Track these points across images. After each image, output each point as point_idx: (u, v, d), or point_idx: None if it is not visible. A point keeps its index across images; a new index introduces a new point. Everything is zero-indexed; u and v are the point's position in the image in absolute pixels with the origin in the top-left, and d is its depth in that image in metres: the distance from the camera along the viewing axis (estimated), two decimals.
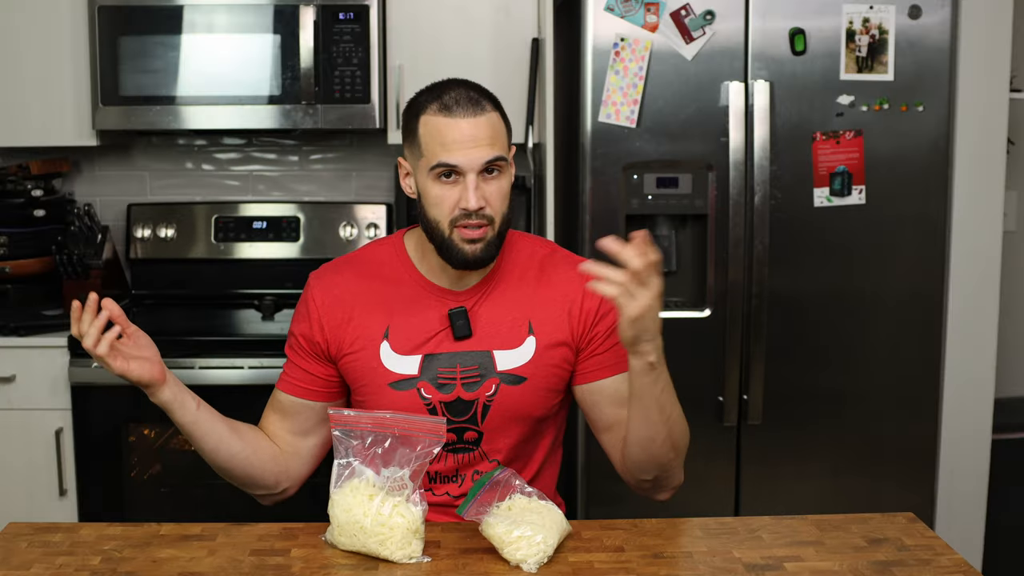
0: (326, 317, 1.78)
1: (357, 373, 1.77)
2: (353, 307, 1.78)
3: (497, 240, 1.73)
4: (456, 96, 1.69)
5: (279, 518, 1.70)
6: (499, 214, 1.72)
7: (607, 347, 1.77)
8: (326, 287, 1.81)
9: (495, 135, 1.69)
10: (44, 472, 2.75)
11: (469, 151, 1.67)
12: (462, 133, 1.67)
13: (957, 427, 2.77)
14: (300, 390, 1.81)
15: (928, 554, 1.54)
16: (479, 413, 1.75)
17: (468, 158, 1.67)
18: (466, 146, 1.67)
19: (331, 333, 1.78)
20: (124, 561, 1.50)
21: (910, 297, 2.71)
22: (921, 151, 2.66)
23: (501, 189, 1.71)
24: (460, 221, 1.69)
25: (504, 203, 1.73)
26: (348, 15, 2.88)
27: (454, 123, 1.67)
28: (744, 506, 2.73)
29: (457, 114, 1.67)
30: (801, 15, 2.61)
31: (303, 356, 1.81)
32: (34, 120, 2.96)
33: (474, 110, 1.68)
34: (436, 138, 1.68)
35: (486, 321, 1.77)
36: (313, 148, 3.35)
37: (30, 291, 3.06)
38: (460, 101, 1.68)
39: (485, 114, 1.69)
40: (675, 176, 2.64)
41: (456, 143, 1.67)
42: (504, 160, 1.71)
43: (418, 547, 1.51)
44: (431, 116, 1.69)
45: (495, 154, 1.68)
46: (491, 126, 1.69)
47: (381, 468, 1.53)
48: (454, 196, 1.68)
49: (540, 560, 1.48)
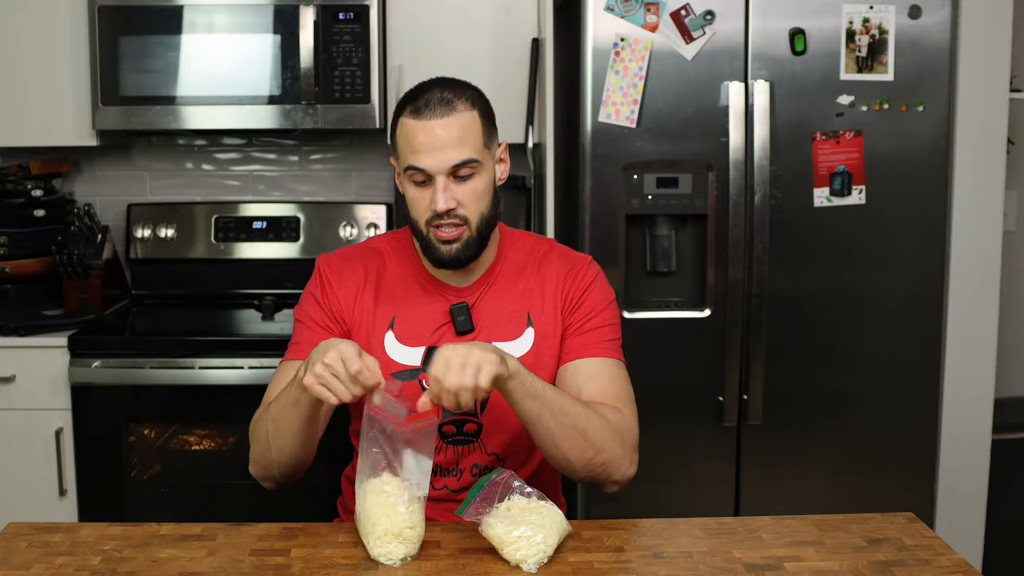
0: (339, 294, 1.81)
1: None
2: (361, 293, 1.81)
3: (477, 239, 1.75)
4: (428, 98, 1.70)
5: (279, 518, 1.70)
6: (475, 214, 1.73)
7: (585, 330, 1.80)
8: (337, 270, 1.83)
9: (464, 136, 1.70)
10: (44, 472, 2.75)
11: (436, 154, 1.68)
12: (429, 136, 1.69)
13: (957, 427, 2.77)
14: None
15: (928, 554, 1.54)
16: (479, 405, 1.77)
17: (435, 160, 1.69)
18: (433, 149, 1.68)
19: (345, 309, 1.80)
20: (124, 561, 1.50)
21: (910, 297, 2.71)
22: (921, 151, 2.66)
23: (475, 190, 1.72)
24: (434, 222, 1.72)
25: (480, 202, 1.73)
26: (348, 15, 2.88)
27: (422, 125, 1.69)
28: (744, 506, 2.73)
29: (426, 116, 1.69)
30: (801, 15, 2.61)
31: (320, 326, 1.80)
32: (34, 120, 2.96)
33: (443, 111, 1.69)
34: (407, 140, 1.71)
35: (487, 315, 1.80)
36: (313, 148, 3.35)
37: (30, 291, 3.06)
38: (431, 103, 1.69)
39: (454, 115, 1.69)
40: (675, 176, 2.64)
41: (424, 145, 1.69)
42: (475, 161, 1.71)
43: (398, 550, 1.50)
44: (406, 119, 1.72)
45: (463, 157, 1.69)
46: (461, 127, 1.70)
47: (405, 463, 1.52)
48: (427, 198, 1.71)
49: (540, 560, 1.49)
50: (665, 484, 2.67)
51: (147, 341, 2.84)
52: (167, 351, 2.74)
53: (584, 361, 1.77)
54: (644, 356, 2.63)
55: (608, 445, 1.67)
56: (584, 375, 1.76)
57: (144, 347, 2.76)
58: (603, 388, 1.75)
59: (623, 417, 1.72)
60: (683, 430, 2.70)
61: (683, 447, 2.71)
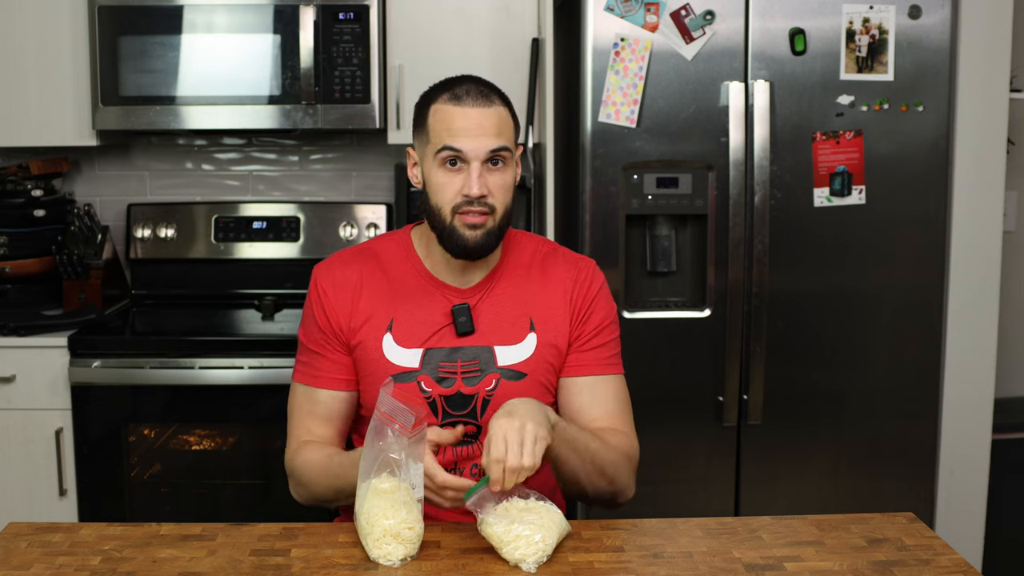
0: (335, 305, 1.81)
1: (361, 364, 1.80)
2: (358, 298, 1.81)
3: (497, 231, 1.76)
4: (468, 88, 1.74)
5: (279, 518, 1.70)
6: (501, 205, 1.75)
7: (593, 346, 1.83)
8: (332, 278, 1.83)
9: (502, 127, 1.73)
10: (44, 472, 2.75)
11: (475, 138, 1.70)
12: (469, 121, 1.71)
13: (957, 427, 2.77)
14: (341, 382, 1.82)
15: (928, 554, 1.54)
16: (478, 408, 1.78)
17: (474, 145, 1.70)
18: (473, 133, 1.70)
19: (344, 321, 1.80)
20: (124, 561, 1.50)
21: (910, 297, 2.71)
22: (921, 151, 2.66)
23: (504, 181, 1.74)
24: (462, 208, 1.72)
25: (507, 195, 1.76)
26: (348, 15, 2.88)
27: (463, 111, 1.71)
28: (744, 506, 2.73)
29: (467, 103, 1.72)
30: (801, 15, 2.61)
31: (330, 348, 1.81)
32: (34, 120, 2.96)
33: (484, 101, 1.72)
34: (444, 124, 1.72)
35: (489, 317, 1.80)
36: (313, 148, 3.35)
37: (30, 291, 3.06)
38: (471, 92, 1.73)
39: (494, 107, 1.73)
40: (675, 176, 2.64)
41: (463, 130, 1.71)
42: (509, 151, 1.74)
43: (397, 550, 1.50)
44: (441, 104, 1.73)
45: (500, 143, 1.72)
46: (499, 118, 1.73)
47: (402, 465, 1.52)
48: (457, 183, 1.72)
49: (539, 559, 1.49)
50: (665, 484, 2.67)
51: (147, 341, 2.84)
52: (167, 351, 2.74)
53: (588, 380, 1.82)
54: (644, 356, 2.64)
55: (620, 476, 1.76)
56: (589, 396, 1.81)
57: (144, 347, 2.76)
58: (609, 410, 1.81)
59: (629, 442, 1.80)
60: (683, 430, 2.70)
61: (683, 447, 2.71)
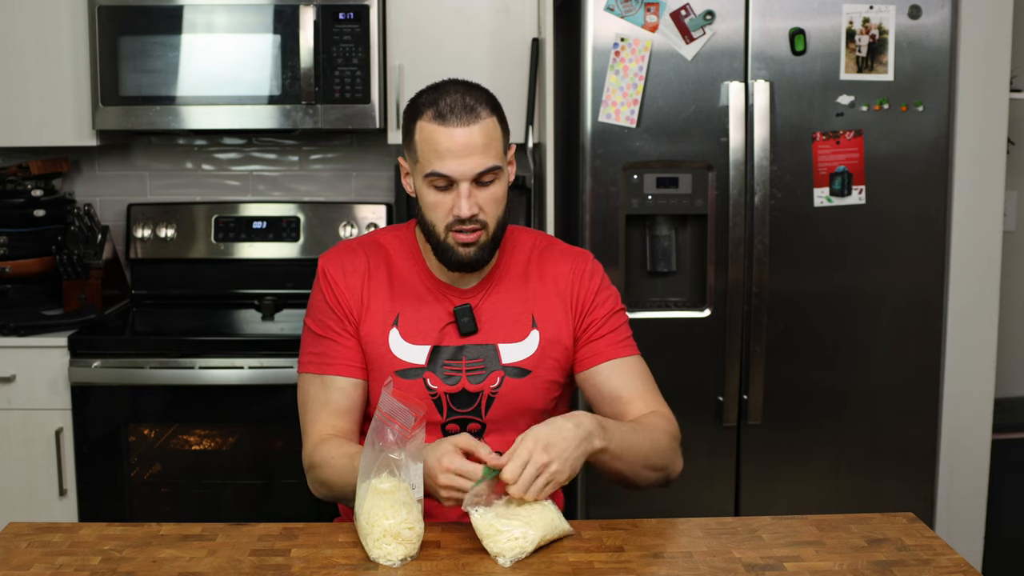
0: (345, 291, 1.81)
1: (368, 356, 1.80)
2: (365, 289, 1.81)
3: (491, 243, 1.77)
4: (451, 103, 1.69)
5: (279, 518, 1.70)
6: (493, 219, 1.75)
7: (604, 332, 1.83)
8: (340, 265, 1.83)
9: (489, 143, 1.71)
10: (44, 472, 2.75)
11: (462, 160, 1.69)
12: (455, 142, 1.68)
13: (957, 427, 2.77)
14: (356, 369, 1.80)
15: (928, 554, 1.54)
16: (483, 405, 1.79)
17: (461, 168, 1.69)
18: (459, 155, 1.69)
19: (354, 306, 1.80)
20: (124, 561, 1.50)
21: (910, 297, 2.71)
22: (921, 151, 2.66)
23: (495, 196, 1.74)
24: (454, 227, 1.72)
25: (499, 207, 1.75)
26: (348, 15, 2.88)
27: (448, 132, 1.68)
28: (744, 506, 2.73)
29: (451, 123, 1.68)
30: (801, 15, 2.61)
31: (343, 334, 1.80)
32: (34, 120, 2.95)
33: (468, 118, 1.69)
34: (431, 146, 1.70)
35: (491, 316, 1.81)
36: (313, 148, 3.35)
37: (30, 291, 3.06)
38: (455, 109, 1.69)
39: (479, 122, 1.70)
40: (675, 176, 2.64)
41: (449, 152, 1.69)
42: (499, 168, 1.73)
43: (397, 550, 1.50)
44: (426, 123, 1.70)
45: (488, 164, 1.70)
46: (485, 134, 1.70)
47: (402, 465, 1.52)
48: (448, 203, 1.72)
49: (517, 556, 1.49)
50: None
51: (147, 341, 2.84)
52: (167, 351, 2.74)
53: (612, 364, 1.82)
54: (644, 356, 2.62)
55: (667, 460, 1.77)
56: (618, 379, 1.82)
57: (144, 347, 2.76)
58: (640, 390, 1.82)
59: (668, 421, 1.81)
60: (683, 430, 2.68)
61: (683, 447, 2.70)
